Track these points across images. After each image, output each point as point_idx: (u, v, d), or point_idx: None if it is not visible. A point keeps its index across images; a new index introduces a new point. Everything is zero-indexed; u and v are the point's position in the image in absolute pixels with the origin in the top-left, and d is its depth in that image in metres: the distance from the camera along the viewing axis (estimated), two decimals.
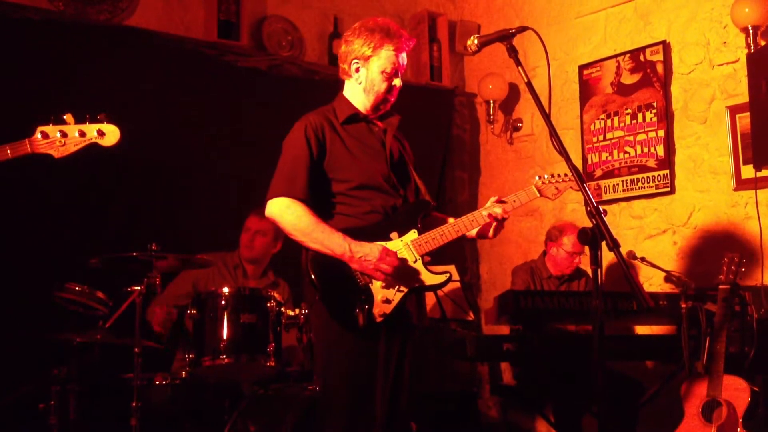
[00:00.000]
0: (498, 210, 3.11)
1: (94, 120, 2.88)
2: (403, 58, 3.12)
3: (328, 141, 3.06)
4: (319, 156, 3.03)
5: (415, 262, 3.02)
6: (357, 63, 3.11)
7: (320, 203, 3.03)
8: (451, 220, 3.18)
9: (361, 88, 3.13)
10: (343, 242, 2.91)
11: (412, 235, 3.03)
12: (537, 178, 3.24)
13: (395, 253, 2.95)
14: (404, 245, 3.02)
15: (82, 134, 2.83)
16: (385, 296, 2.94)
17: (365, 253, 2.90)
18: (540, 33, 2.80)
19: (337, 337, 2.94)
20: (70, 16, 4.76)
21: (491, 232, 3.18)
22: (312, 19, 5.87)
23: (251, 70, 5.38)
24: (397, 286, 2.96)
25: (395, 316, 2.96)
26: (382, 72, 3.08)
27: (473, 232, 3.17)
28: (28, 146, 2.78)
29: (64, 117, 2.84)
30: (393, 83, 3.11)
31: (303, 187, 2.98)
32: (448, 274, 3.08)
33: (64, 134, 2.80)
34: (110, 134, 2.89)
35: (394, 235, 3.02)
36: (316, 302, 3.00)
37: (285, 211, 2.96)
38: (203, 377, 3.99)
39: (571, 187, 3.26)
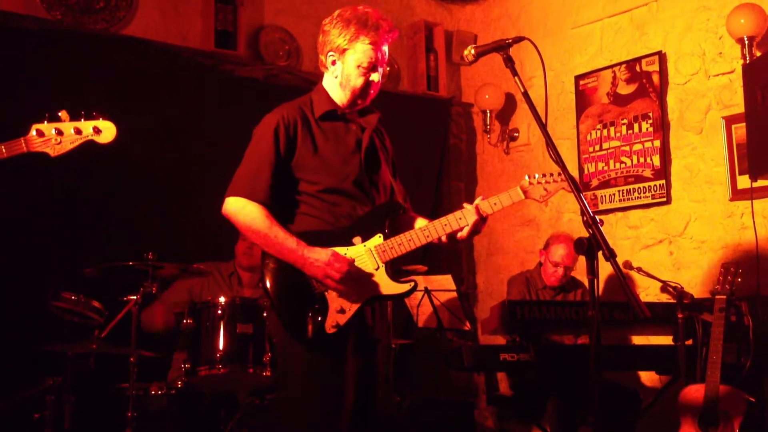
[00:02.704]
0: (472, 219, 2.87)
1: (89, 117, 2.79)
2: (384, 51, 2.91)
3: (299, 139, 2.88)
4: (287, 156, 2.86)
5: (377, 269, 2.82)
6: (333, 55, 2.94)
7: (286, 204, 2.88)
8: (420, 221, 2.99)
9: (337, 83, 2.95)
10: (296, 248, 2.75)
11: (377, 240, 2.84)
12: (526, 177, 3.04)
13: (346, 259, 2.77)
14: (366, 251, 2.83)
15: (78, 131, 2.74)
16: (340, 305, 2.76)
17: (315, 258, 2.74)
18: (536, 43, 2.80)
19: (294, 351, 2.78)
20: (68, 26, 4.77)
21: (464, 232, 2.89)
22: (309, 28, 5.87)
23: (248, 79, 5.38)
24: (353, 295, 2.77)
25: (353, 328, 2.79)
26: (358, 66, 2.89)
27: (444, 238, 2.91)
28: (23, 145, 2.68)
29: (59, 114, 2.74)
30: (370, 78, 2.91)
31: (264, 189, 2.82)
32: (412, 283, 2.86)
33: (59, 132, 2.71)
34: (106, 131, 2.79)
35: (357, 239, 2.84)
36: (271, 314, 2.88)
37: (240, 211, 2.81)
38: (199, 387, 3.99)
39: (563, 188, 2.98)
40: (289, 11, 5.79)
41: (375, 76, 2.93)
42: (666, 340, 4.39)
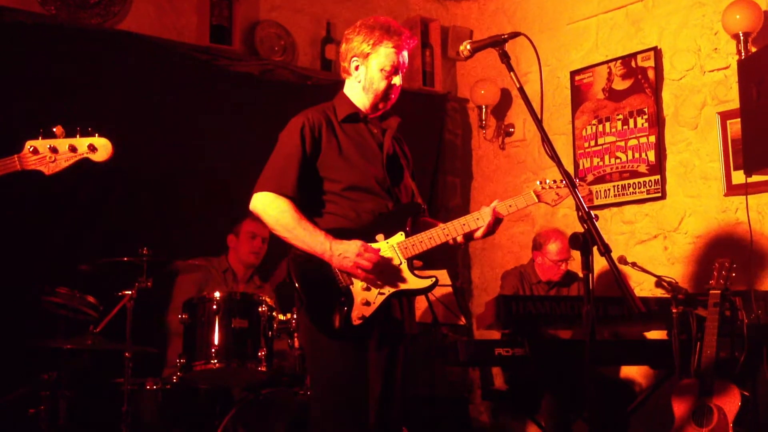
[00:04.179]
0: (488, 219, 2.99)
1: (85, 133, 2.77)
2: (404, 56, 3.05)
3: (324, 140, 3.00)
4: (312, 155, 2.98)
5: (400, 264, 2.93)
6: (356, 61, 3.06)
7: (311, 202, 2.98)
8: (440, 225, 3.09)
9: (360, 87, 3.07)
10: (324, 240, 2.85)
11: (399, 237, 2.95)
12: (538, 183, 3.15)
13: (375, 249, 2.88)
14: (389, 247, 2.93)
15: (73, 149, 2.72)
16: (365, 298, 2.86)
17: (343, 250, 2.83)
18: (532, 39, 2.80)
19: (321, 343, 2.89)
20: (62, 20, 4.75)
21: (479, 233, 3.02)
22: (304, 24, 5.87)
23: (243, 74, 5.37)
24: (378, 288, 2.89)
25: (378, 320, 2.89)
26: (382, 70, 3.02)
27: (459, 238, 3.04)
28: (17, 163, 2.67)
29: (54, 129, 2.71)
30: (393, 82, 3.04)
31: (292, 184, 2.92)
32: (434, 279, 2.96)
33: (54, 149, 2.70)
34: (102, 149, 2.78)
35: (380, 237, 2.95)
36: (300, 308, 2.96)
37: (269, 205, 2.91)
38: (194, 382, 3.98)
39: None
40: (284, 6, 5.78)
41: (397, 80, 3.07)
42: (660, 334, 4.40)
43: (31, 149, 2.68)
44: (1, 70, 4.40)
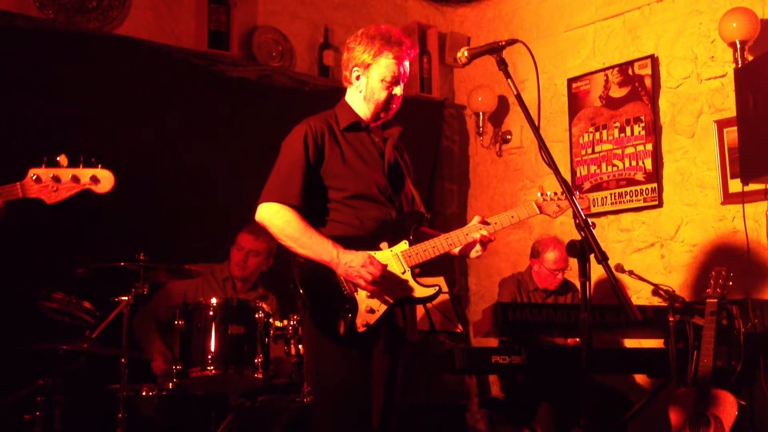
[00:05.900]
0: (485, 233, 3.07)
1: (88, 163, 2.77)
2: (405, 66, 3.07)
3: (327, 148, 3.02)
4: (316, 163, 2.99)
5: (403, 273, 2.95)
6: (357, 71, 3.07)
7: (315, 210, 2.99)
8: (444, 234, 3.12)
9: (361, 96, 3.09)
10: (331, 249, 2.87)
11: (403, 245, 2.97)
12: (539, 194, 3.19)
13: (380, 262, 2.89)
14: (393, 255, 2.96)
15: (76, 179, 2.72)
16: (369, 306, 2.89)
17: (350, 260, 2.85)
18: (529, 46, 2.80)
19: (324, 349, 2.91)
20: (61, 25, 4.74)
21: (473, 254, 3.12)
22: (302, 29, 5.88)
23: (241, 80, 5.37)
24: (382, 297, 2.91)
25: (382, 328, 2.91)
26: (382, 80, 3.03)
27: (456, 250, 3.11)
28: (19, 191, 2.67)
29: (58, 159, 2.71)
30: (393, 92, 3.06)
31: (297, 193, 2.93)
32: (437, 287, 2.99)
33: (56, 179, 2.69)
34: (104, 181, 2.80)
35: (384, 245, 2.96)
36: (305, 314, 2.98)
37: (274, 215, 2.92)
38: (190, 388, 3.97)
39: None
40: (282, 12, 5.78)
41: (397, 90, 3.08)
42: (657, 343, 4.40)
43: (34, 177, 2.69)
44: None
